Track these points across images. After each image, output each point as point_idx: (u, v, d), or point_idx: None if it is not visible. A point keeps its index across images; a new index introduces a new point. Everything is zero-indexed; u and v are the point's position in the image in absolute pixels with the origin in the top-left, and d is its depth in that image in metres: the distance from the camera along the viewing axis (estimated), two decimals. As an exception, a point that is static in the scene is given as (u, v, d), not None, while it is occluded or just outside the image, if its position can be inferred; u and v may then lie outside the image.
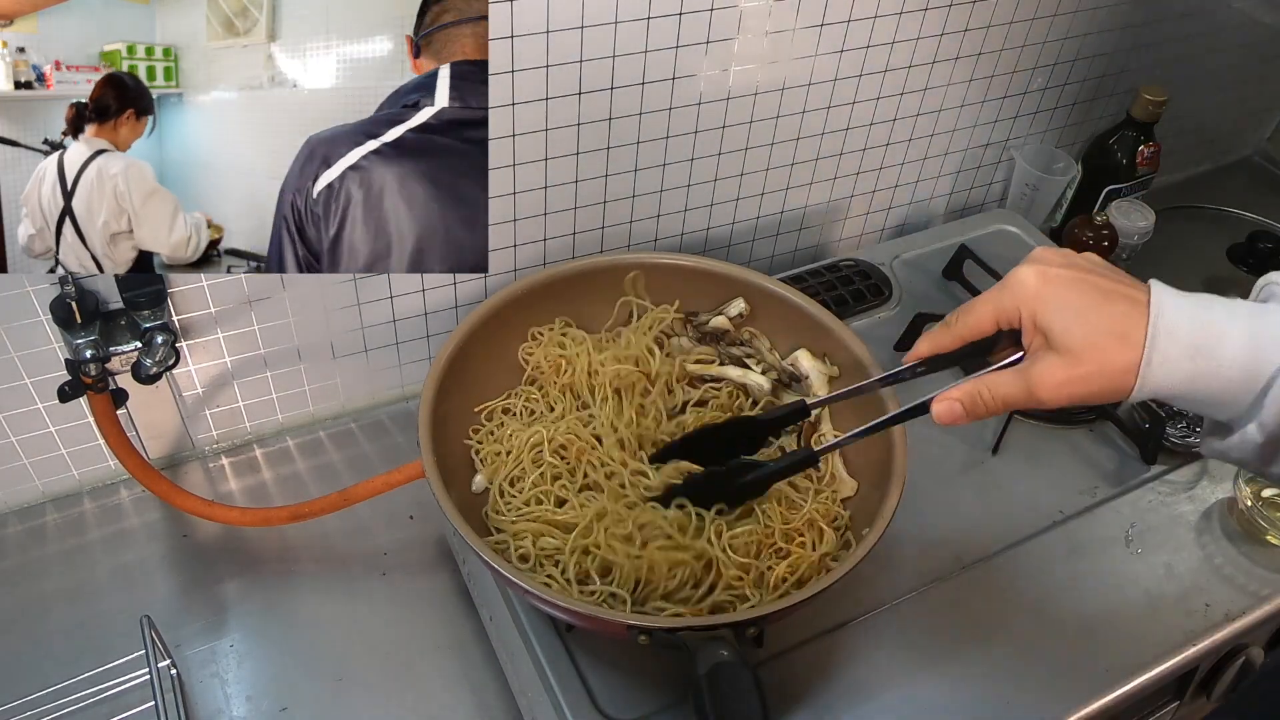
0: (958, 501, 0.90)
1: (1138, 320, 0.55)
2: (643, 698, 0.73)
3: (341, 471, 0.97)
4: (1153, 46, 1.24)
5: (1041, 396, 0.58)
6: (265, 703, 0.79)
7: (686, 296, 0.91)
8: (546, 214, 0.96)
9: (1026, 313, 0.58)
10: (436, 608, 0.87)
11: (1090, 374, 0.56)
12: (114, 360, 0.81)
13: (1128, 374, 0.55)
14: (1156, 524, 0.90)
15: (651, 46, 0.88)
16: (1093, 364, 0.55)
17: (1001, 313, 0.60)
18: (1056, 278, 0.58)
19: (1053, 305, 0.57)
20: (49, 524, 0.91)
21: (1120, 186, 1.24)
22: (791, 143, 1.05)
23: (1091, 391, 0.56)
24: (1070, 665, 0.79)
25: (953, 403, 0.62)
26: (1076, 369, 0.56)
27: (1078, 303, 0.56)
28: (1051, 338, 0.57)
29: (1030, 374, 0.58)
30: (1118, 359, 0.55)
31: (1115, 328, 0.55)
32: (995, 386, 0.60)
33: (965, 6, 1.03)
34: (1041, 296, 0.58)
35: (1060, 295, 0.57)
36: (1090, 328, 0.56)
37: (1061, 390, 0.57)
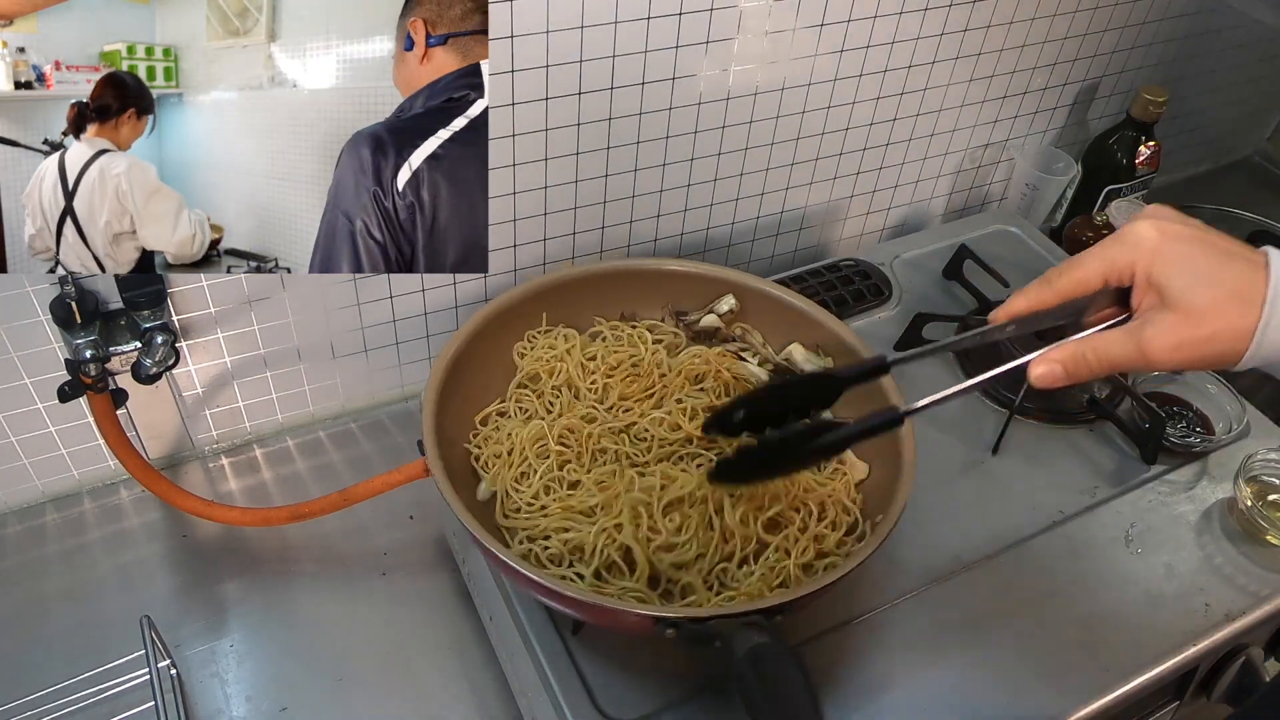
0: (958, 501, 0.90)
1: (1258, 282, 0.52)
2: (643, 698, 0.73)
3: (341, 471, 0.97)
4: (1153, 46, 1.24)
5: (1155, 359, 0.54)
6: (265, 703, 0.79)
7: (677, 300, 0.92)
8: (546, 214, 0.96)
9: (1142, 268, 0.55)
10: (436, 608, 0.87)
11: (1211, 336, 0.53)
12: (114, 360, 0.81)
13: (1243, 339, 0.53)
14: (1156, 524, 0.90)
15: (651, 46, 0.88)
16: (1214, 326, 0.53)
17: (1113, 268, 0.57)
18: (1176, 234, 0.55)
19: (1173, 262, 0.54)
20: (49, 524, 0.91)
21: (1120, 186, 1.24)
22: (791, 143, 1.05)
23: (1207, 355, 0.54)
24: (1070, 665, 0.79)
25: (1054, 365, 0.58)
26: (1198, 330, 0.53)
27: (1200, 261, 0.54)
28: (1169, 296, 0.54)
29: (1143, 335, 0.55)
30: (1238, 322, 0.52)
31: (1235, 289, 0.53)
32: (1102, 348, 0.56)
33: (965, 6, 1.03)
34: (1160, 252, 0.55)
35: (1181, 251, 0.54)
36: (1213, 288, 0.53)
37: (1177, 354, 0.54)
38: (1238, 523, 0.90)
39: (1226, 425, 0.97)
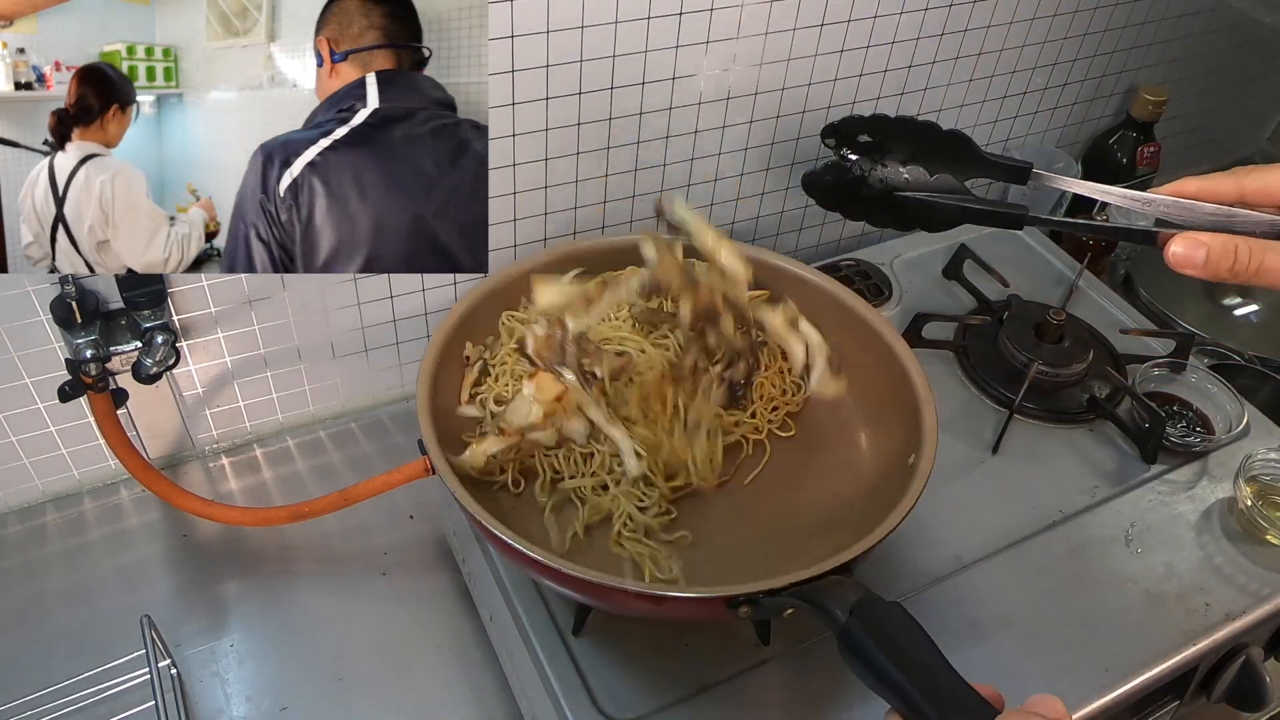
0: (958, 501, 0.90)
1: None
2: (643, 698, 0.73)
3: (341, 471, 0.97)
4: (1153, 46, 1.24)
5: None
6: (265, 703, 0.79)
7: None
8: (546, 214, 0.96)
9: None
10: (436, 608, 0.87)
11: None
12: (114, 360, 0.81)
13: None
14: (1156, 524, 0.90)
15: (651, 46, 0.88)
16: None
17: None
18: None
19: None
20: (49, 524, 0.91)
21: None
22: (791, 143, 1.05)
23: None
24: (1070, 665, 0.79)
25: (1199, 246, 0.53)
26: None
27: None
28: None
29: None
30: None
31: None
32: (1260, 250, 0.52)
33: (965, 6, 1.03)
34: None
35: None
36: None
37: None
38: (1238, 523, 0.90)
39: (1226, 425, 0.97)
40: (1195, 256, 0.53)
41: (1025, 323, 1.02)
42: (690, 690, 0.74)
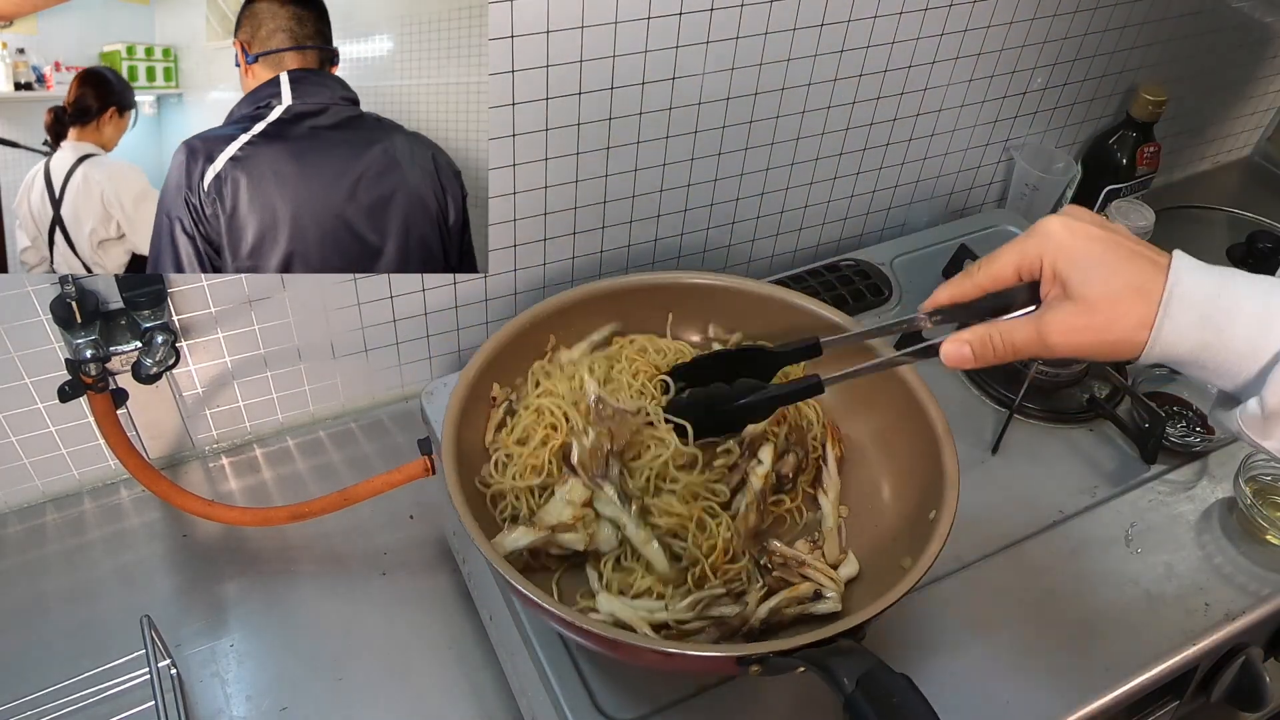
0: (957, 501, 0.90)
1: (1157, 280, 0.56)
2: (643, 698, 0.73)
3: (341, 471, 0.97)
4: (1153, 46, 1.24)
5: (1052, 342, 0.58)
6: (265, 703, 0.79)
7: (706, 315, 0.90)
8: (546, 214, 0.96)
9: (1048, 261, 0.59)
10: (436, 608, 0.87)
11: (1104, 324, 0.56)
12: (114, 360, 0.81)
13: (1140, 330, 0.56)
14: (1156, 524, 0.90)
15: (651, 46, 0.88)
16: (1107, 315, 0.56)
17: (1024, 260, 0.60)
18: (1084, 231, 0.58)
19: (1076, 255, 0.58)
20: (49, 524, 0.91)
21: (1120, 186, 1.24)
22: (791, 143, 1.05)
23: (1103, 342, 0.57)
24: (1070, 665, 0.79)
25: (962, 344, 0.62)
26: (1091, 318, 0.56)
27: (1101, 256, 0.57)
28: (1070, 287, 0.57)
29: (1043, 320, 0.58)
30: (1132, 313, 0.56)
31: (1134, 283, 0.56)
32: (1007, 332, 0.60)
33: (965, 6, 1.03)
34: (1065, 246, 0.58)
35: (1085, 247, 0.58)
36: (1110, 280, 0.56)
37: (1072, 337, 0.57)
38: (1238, 522, 0.90)
39: (1226, 425, 0.97)
40: (962, 353, 0.63)
41: (1025, 323, 1.02)
42: (690, 690, 0.74)
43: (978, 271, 0.63)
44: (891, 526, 0.77)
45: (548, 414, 0.77)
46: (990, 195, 1.30)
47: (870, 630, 0.79)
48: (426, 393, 0.87)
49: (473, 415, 0.78)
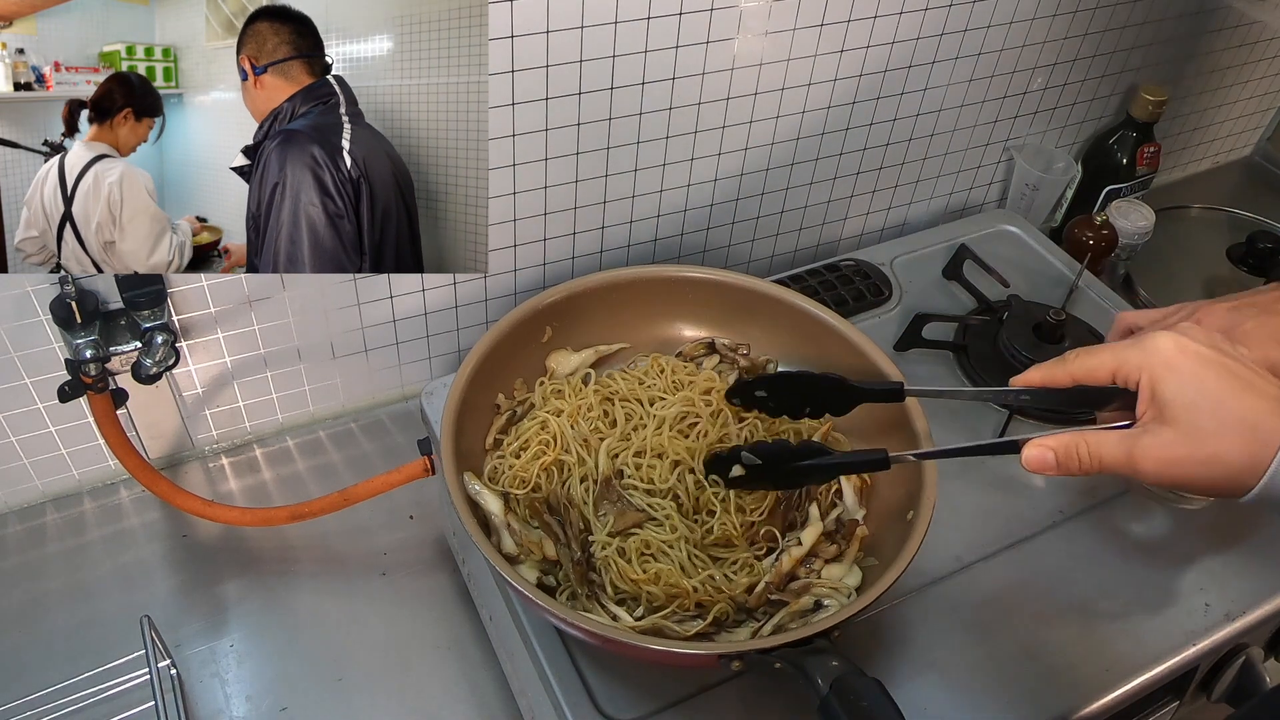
0: (958, 501, 0.90)
1: (1273, 418, 0.51)
2: (643, 698, 0.73)
3: (341, 471, 0.98)
4: (1153, 46, 1.24)
5: (1144, 469, 0.54)
6: (265, 703, 0.79)
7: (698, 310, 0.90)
8: (546, 214, 0.96)
9: (1148, 378, 0.55)
10: (436, 608, 0.87)
11: (1206, 459, 0.52)
12: (114, 360, 0.81)
13: (1250, 472, 0.51)
14: (1157, 524, 0.90)
15: (651, 46, 0.88)
16: (1211, 450, 0.52)
17: (1121, 368, 0.57)
18: (1194, 352, 0.54)
19: (1182, 378, 0.53)
20: (49, 524, 0.91)
21: (1120, 186, 1.24)
22: (791, 143, 1.05)
23: (1204, 478, 0.53)
24: (1070, 665, 0.79)
25: (1046, 450, 0.58)
26: (1196, 451, 0.52)
27: (1211, 383, 0.53)
28: (1170, 412, 0.53)
29: (1139, 443, 0.54)
30: (1241, 453, 0.51)
31: (1248, 419, 0.51)
32: (1096, 445, 0.56)
33: (965, 6, 1.03)
34: (1172, 365, 0.54)
35: (1195, 370, 0.53)
36: (1219, 411, 0.52)
37: (1170, 469, 0.53)
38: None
39: (1226, 425, 0.97)
40: (1046, 459, 0.59)
41: (1025, 323, 1.02)
42: (690, 690, 0.74)
43: (1073, 360, 0.59)
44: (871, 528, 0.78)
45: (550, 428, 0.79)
46: (990, 195, 1.30)
47: (868, 631, 0.79)
48: (426, 393, 0.87)
49: (471, 414, 0.78)
